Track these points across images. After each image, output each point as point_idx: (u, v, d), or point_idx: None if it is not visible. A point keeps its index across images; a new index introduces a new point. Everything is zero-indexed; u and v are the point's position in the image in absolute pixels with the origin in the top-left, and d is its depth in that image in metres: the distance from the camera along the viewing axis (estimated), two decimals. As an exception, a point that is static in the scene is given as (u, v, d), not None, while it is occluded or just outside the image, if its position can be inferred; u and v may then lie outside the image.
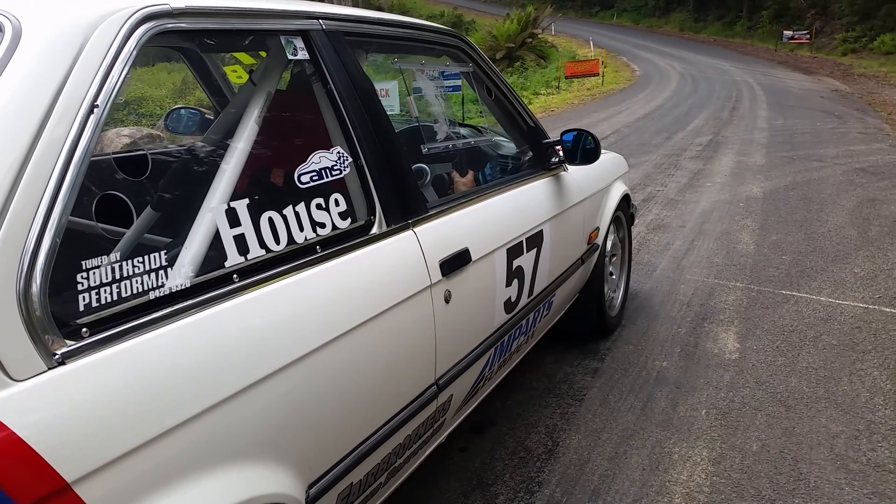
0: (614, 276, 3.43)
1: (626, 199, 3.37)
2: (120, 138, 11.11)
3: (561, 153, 2.59)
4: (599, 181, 3.01)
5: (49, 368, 0.94)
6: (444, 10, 38.96)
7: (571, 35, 31.34)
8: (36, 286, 0.94)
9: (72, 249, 1.02)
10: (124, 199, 1.15)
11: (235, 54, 2.40)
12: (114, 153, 1.16)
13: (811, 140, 9.27)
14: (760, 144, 9.08)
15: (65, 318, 0.98)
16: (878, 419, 2.62)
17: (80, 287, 1.02)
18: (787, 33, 28.29)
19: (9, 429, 0.86)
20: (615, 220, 3.26)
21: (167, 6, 1.24)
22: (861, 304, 3.71)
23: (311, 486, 1.33)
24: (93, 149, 1.06)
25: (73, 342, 0.98)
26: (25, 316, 0.92)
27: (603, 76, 19.44)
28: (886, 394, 2.80)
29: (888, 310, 3.63)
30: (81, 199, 1.04)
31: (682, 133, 10.18)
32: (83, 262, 1.03)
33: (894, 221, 5.31)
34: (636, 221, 4.78)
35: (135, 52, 1.16)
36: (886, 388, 2.84)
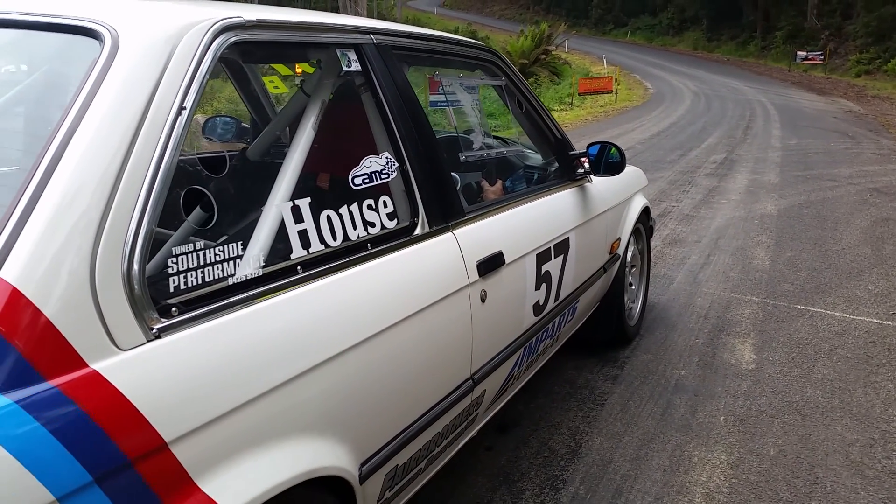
0: (633, 287, 3.52)
1: (646, 212, 3.47)
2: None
3: (586, 164, 2.69)
4: (621, 193, 3.12)
5: (148, 341, 1.05)
6: (458, 25, 39.25)
7: (585, 52, 31.56)
8: (136, 269, 1.05)
9: (163, 238, 1.13)
10: (207, 193, 1.25)
11: (275, 66, 2.51)
12: (197, 153, 1.25)
13: (825, 160, 9.34)
14: (774, 163, 9.15)
15: (159, 298, 1.09)
16: (893, 429, 2.69)
17: (170, 271, 1.13)
18: (801, 54, 28.40)
19: (118, 390, 0.96)
20: (635, 231, 3.36)
21: (241, 19, 1.36)
22: (875, 320, 3.78)
23: (363, 464, 1.43)
24: (181, 147, 1.17)
25: (165, 319, 1.08)
26: (129, 295, 1.03)
27: (616, 93, 19.57)
28: (900, 405, 2.87)
29: (902, 325, 3.70)
30: (172, 192, 1.14)
31: (696, 151, 10.27)
32: (173, 249, 1.14)
33: (908, 240, 5.38)
34: (653, 235, 4.86)
35: (214, 60, 1.27)
36: (900, 400, 2.91)
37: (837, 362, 3.28)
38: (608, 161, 2.66)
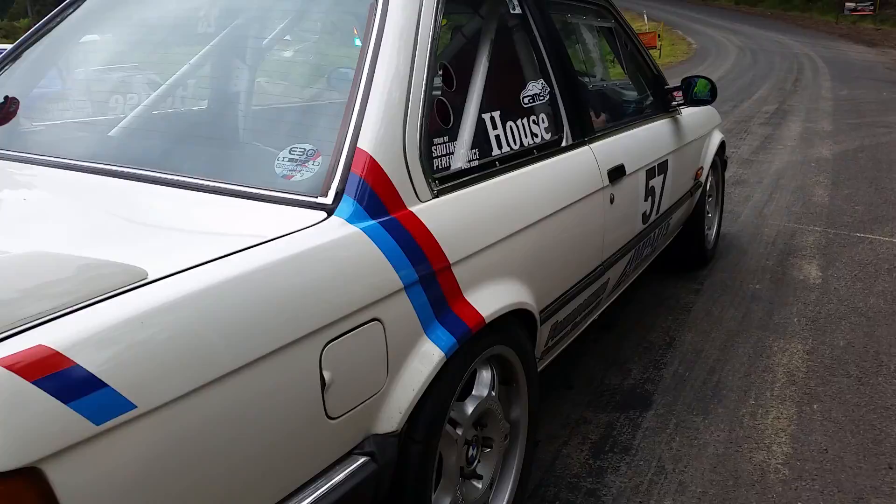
0: (710, 215, 3.93)
1: (722, 146, 3.86)
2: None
3: (679, 97, 3.09)
4: (704, 126, 3.52)
5: (433, 197, 1.52)
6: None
7: (625, 8, 31.03)
8: (422, 152, 1.52)
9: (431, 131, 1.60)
10: (447, 104, 1.71)
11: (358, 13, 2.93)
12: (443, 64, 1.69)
13: (877, 108, 9.50)
14: (826, 113, 9.34)
15: (434, 172, 1.56)
16: (948, 327, 3.08)
17: (434, 153, 1.60)
18: (849, 5, 27.85)
19: (424, 225, 1.45)
20: (713, 163, 3.75)
21: None
22: (931, 245, 4.13)
23: (541, 311, 1.91)
24: (438, 63, 1.62)
25: (438, 185, 1.55)
26: (422, 167, 1.51)
27: (660, 49, 19.57)
28: (955, 310, 3.26)
29: (956, 249, 4.05)
30: (432, 97, 1.60)
31: (747, 102, 10.48)
32: (434, 139, 1.61)
33: (962, 179, 5.65)
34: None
35: (445, 2, 1.69)
36: (955, 306, 3.30)
37: (896, 278, 3.66)
38: (695, 95, 3.08)
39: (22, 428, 0.83)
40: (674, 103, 3.11)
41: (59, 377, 0.86)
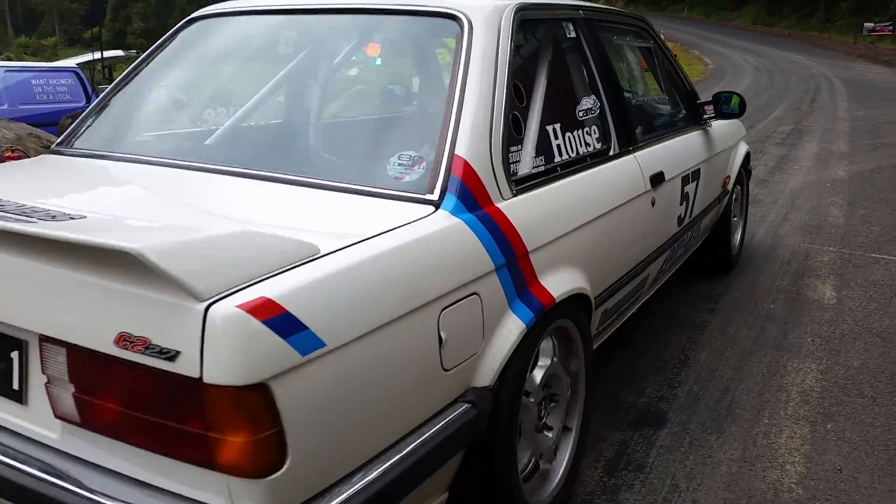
0: (735, 218, 4.13)
1: (747, 157, 4.12)
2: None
3: (710, 111, 3.36)
4: (731, 138, 3.81)
5: (513, 196, 1.83)
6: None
7: (642, 29, 31.31)
8: (504, 156, 1.82)
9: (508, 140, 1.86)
10: (519, 117, 1.97)
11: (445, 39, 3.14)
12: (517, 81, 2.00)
13: (895, 130, 9.47)
14: (843, 133, 9.34)
15: (511, 173, 1.85)
16: (964, 349, 3.09)
17: (511, 160, 1.87)
18: (868, 25, 27.83)
19: (508, 218, 1.74)
20: (739, 173, 3.94)
21: (522, 3, 2.08)
22: (947, 266, 4.13)
23: (595, 297, 2.15)
24: (512, 82, 1.90)
25: (515, 186, 1.84)
26: (505, 170, 1.81)
27: (677, 69, 19.59)
28: (971, 331, 3.26)
29: (973, 270, 4.04)
30: (509, 111, 1.87)
31: (763, 122, 10.49)
32: (510, 147, 1.87)
33: (979, 200, 5.64)
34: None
35: (517, 26, 2.00)
36: (971, 328, 3.30)
37: (912, 299, 3.67)
38: (724, 108, 3.38)
39: (256, 355, 1.13)
40: (705, 116, 3.40)
41: (277, 319, 1.15)
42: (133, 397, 1.20)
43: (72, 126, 2.22)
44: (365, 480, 1.31)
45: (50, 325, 1.27)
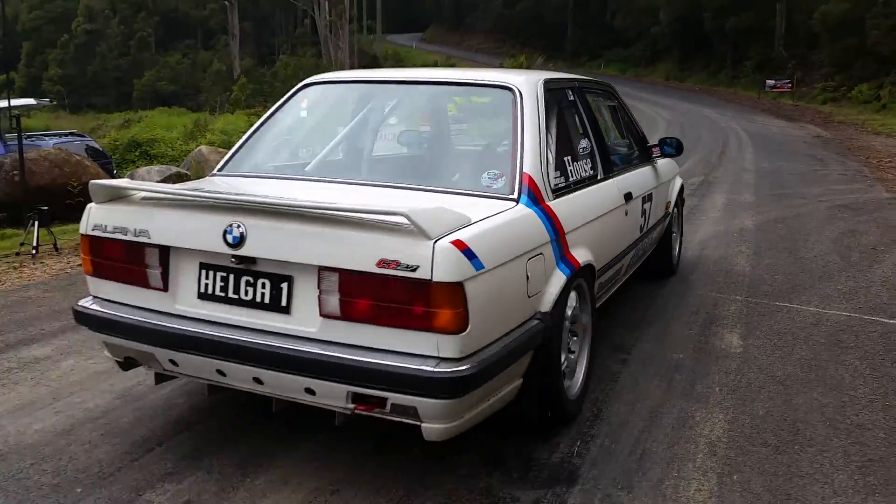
0: (675, 234, 5.16)
1: (682, 188, 5.25)
2: (151, 175, 11.64)
3: (656, 151, 4.51)
4: (670, 173, 4.90)
5: (555, 198, 2.83)
6: (437, 59, 40.11)
7: (563, 83, 32.39)
8: (547, 174, 2.84)
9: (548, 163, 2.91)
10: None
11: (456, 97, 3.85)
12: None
13: (796, 180, 10.03)
14: (749, 184, 9.82)
15: (548, 183, 2.83)
16: (860, 395, 3.22)
17: (550, 176, 2.87)
18: (770, 82, 29.52)
19: (554, 212, 2.75)
20: (676, 200, 5.02)
21: (546, 78, 3.21)
22: (844, 313, 4.34)
23: (598, 270, 3.14)
24: (547, 130, 2.97)
25: (554, 193, 2.84)
26: (549, 182, 2.83)
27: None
28: (866, 377, 3.41)
29: (868, 317, 4.26)
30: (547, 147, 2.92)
31: (676, 174, 10.90)
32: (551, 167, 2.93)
33: (872, 249, 5.99)
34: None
35: (543, 93, 3.04)
36: (866, 374, 3.45)
37: (813, 346, 3.82)
38: (667, 149, 4.51)
39: (458, 267, 2.14)
40: (653, 155, 4.50)
41: (466, 251, 2.17)
42: (382, 296, 2.16)
43: (225, 157, 3.22)
44: (502, 343, 2.34)
45: (328, 260, 2.23)
